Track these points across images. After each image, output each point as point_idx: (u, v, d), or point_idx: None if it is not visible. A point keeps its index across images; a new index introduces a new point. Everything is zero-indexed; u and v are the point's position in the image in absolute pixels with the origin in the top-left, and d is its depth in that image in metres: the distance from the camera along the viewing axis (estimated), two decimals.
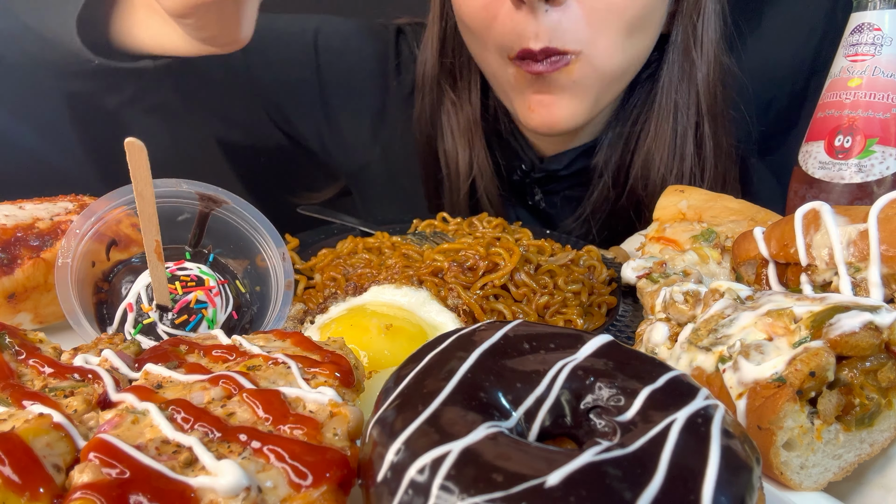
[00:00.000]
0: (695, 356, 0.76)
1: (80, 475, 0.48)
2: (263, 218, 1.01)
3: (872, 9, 1.10)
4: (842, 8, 1.17)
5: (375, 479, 0.49)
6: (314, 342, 0.71)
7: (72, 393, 0.60)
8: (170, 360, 0.67)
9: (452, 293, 1.05)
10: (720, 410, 0.51)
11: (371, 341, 0.86)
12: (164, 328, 0.87)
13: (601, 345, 0.59)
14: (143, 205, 0.83)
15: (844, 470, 0.69)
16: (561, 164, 1.61)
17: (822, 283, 0.86)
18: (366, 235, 1.30)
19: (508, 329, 0.61)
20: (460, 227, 1.31)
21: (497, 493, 0.43)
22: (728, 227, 1.11)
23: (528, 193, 1.67)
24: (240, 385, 0.60)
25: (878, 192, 1.09)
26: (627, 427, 0.51)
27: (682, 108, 1.47)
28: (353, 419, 0.57)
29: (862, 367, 0.67)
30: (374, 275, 1.11)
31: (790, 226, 0.89)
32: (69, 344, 0.73)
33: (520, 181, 1.65)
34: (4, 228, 0.93)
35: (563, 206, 1.67)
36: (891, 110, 1.09)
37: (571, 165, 1.61)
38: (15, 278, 0.91)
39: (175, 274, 0.91)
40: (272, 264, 1.00)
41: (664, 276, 1.00)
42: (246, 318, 0.97)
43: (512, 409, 0.54)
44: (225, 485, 0.47)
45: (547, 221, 1.69)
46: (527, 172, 1.63)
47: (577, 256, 1.21)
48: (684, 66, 1.45)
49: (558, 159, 1.61)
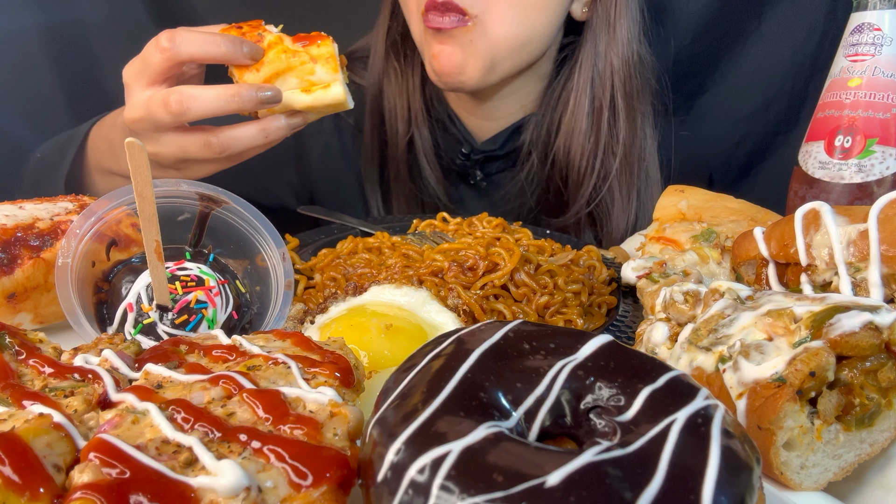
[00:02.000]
0: (695, 356, 0.76)
1: (81, 475, 0.48)
2: (263, 218, 1.01)
3: (872, 9, 1.10)
4: (842, 8, 1.17)
5: (375, 479, 0.49)
6: (314, 342, 0.71)
7: (72, 393, 0.60)
8: (170, 360, 0.67)
9: (452, 293, 1.05)
10: (720, 410, 0.51)
11: (371, 341, 0.86)
12: (164, 328, 0.87)
13: (601, 345, 0.59)
14: (143, 205, 0.83)
15: (844, 470, 0.69)
16: (496, 144, 1.73)
17: (822, 283, 0.86)
18: (366, 235, 1.30)
19: (508, 329, 0.61)
20: (460, 227, 1.31)
21: (497, 493, 0.43)
22: (728, 227, 1.11)
23: (471, 175, 1.79)
24: (240, 385, 0.60)
25: (878, 192, 1.09)
26: (627, 427, 0.51)
27: (598, 85, 1.59)
28: (353, 419, 0.57)
29: (862, 367, 0.67)
30: (374, 275, 1.11)
31: (790, 226, 0.89)
32: (69, 344, 0.73)
33: (462, 164, 1.77)
34: (4, 228, 0.93)
35: (501, 183, 1.79)
36: (891, 110, 1.09)
37: (505, 145, 1.73)
38: (15, 278, 0.91)
39: (175, 274, 0.91)
40: (272, 264, 1.00)
41: (664, 276, 1.00)
42: (246, 318, 0.97)
43: (512, 409, 0.54)
44: (225, 485, 0.47)
45: (488, 198, 1.81)
46: (467, 155, 1.74)
47: (577, 256, 1.21)
48: (599, 48, 1.57)
49: (493, 140, 1.73)
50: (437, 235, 1.28)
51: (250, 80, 1.13)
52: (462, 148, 1.75)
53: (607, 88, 1.59)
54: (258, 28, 1.17)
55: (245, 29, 1.16)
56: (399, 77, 1.73)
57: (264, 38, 1.15)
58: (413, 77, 1.73)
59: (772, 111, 1.87)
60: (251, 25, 1.17)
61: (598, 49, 1.57)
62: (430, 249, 1.15)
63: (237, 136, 1.15)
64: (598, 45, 1.57)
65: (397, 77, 1.73)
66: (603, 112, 1.60)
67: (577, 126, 1.61)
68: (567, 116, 1.62)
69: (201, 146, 1.15)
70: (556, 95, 1.65)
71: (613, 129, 1.61)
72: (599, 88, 1.59)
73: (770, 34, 1.81)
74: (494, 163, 1.77)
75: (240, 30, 1.16)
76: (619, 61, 1.57)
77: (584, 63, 1.59)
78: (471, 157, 1.75)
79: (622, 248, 1.35)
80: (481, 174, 1.78)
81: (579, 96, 1.61)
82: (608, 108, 1.60)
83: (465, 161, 1.76)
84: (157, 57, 1.10)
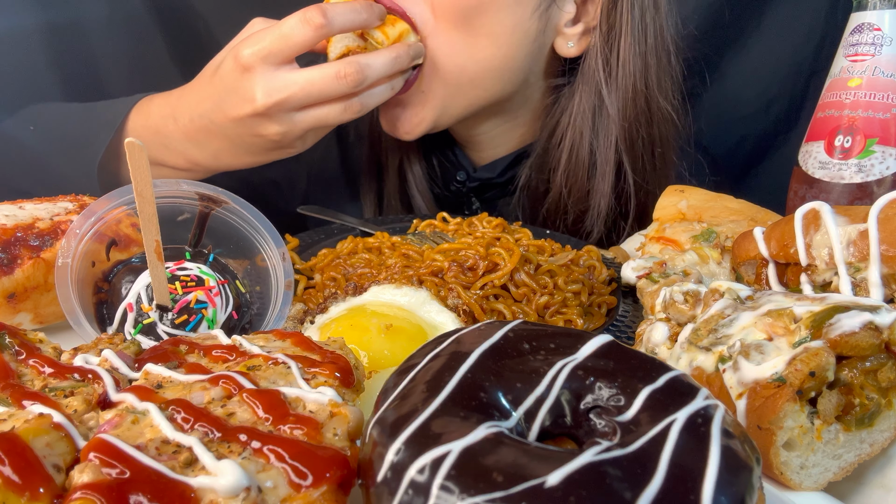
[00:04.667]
0: (695, 356, 0.76)
1: (80, 475, 0.48)
2: (263, 218, 1.01)
3: (872, 9, 1.10)
4: (842, 8, 1.17)
5: (375, 479, 0.49)
6: (314, 342, 0.71)
7: (72, 393, 0.60)
8: (170, 360, 0.67)
9: (452, 293, 1.05)
10: (720, 410, 0.51)
11: (371, 341, 0.86)
12: (164, 328, 0.87)
13: (601, 345, 0.59)
14: (143, 205, 0.83)
15: (844, 470, 0.69)
16: (494, 171, 1.63)
17: (822, 283, 0.86)
18: (366, 235, 1.30)
19: (508, 329, 0.61)
20: (460, 227, 1.31)
21: (497, 493, 0.43)
22: (728, 227, 1.11)
23: (466, 203, 1.70)
24: (240, 385, 0.60)
25: (878, 192, 1.09)
26: (627, 427, 0.51)
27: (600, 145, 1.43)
28: (353, 419, 0.57)
29: (862, 367, 0.67)
30: (374, 275, 1.11)
31: (790, 226, 0.89)
32: (69, 344, 0.73)
33: (457, 191, 1.69)
34: (4, 228, 0.93)
35: (500, 211, 1.69)
36: (891, 110, 1.09)
37: (504, 173, 1.63)
38: (15, 278, 0.91)
39: (175, 274, 0.91)
40: (272, 264, 1.00)
41: (664, 276, 1.00)
42: (246, 318, 0.97)
43: (512, 409, 0.54)
44: (225, 485, 0.47)
45: None
46: (463, 182, 1.66)
47: (577, 256, 1.21)
48: (592, 100, 1.41)
49: (491, 167, 1.64)
50: (437, 235, 1.28)
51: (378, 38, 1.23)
52: (458, 175, 1.66)
53: (611, 153, 1.42)
54: None
55: None
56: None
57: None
58: None
59: (772, 111, 1.87)
60: None
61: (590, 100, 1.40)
62: (430, 249, 1.15)
63: (372, 93, 1.22)
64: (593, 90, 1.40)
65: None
66: (606, 177, 1.44)
67: (576, 182, 1.47)
68: (558, 173, 1.48)
69: (342, 110, 1.19)
70: (549, 130, 1.51)
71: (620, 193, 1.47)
72: (602, 154, 1.43)
73: (770, 34, 1.81)
74: (492, 191, 1.68)
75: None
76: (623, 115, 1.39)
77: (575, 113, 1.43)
78: (466, 184, 1.66)
79: (622, 248, 1.35)
80: (478, 202, 1.69)
81: (574, 154, 1.45)
82: (612, 174, 1.44)
83: (460, 188, 1.67)
84: (307, 34, 1.11)
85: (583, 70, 1.41)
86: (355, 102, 1.20)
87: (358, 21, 1.18)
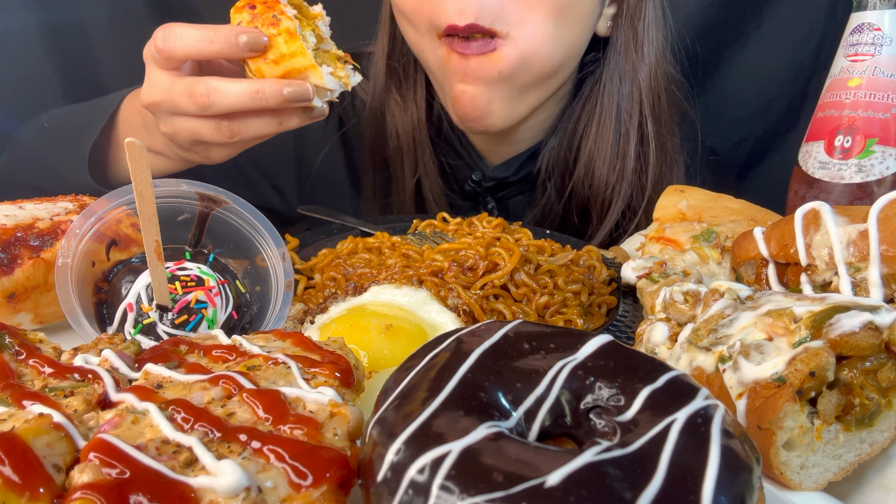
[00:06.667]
0: (695, 356, 0.76)
1: (80, 475, 0.48)
2: (263, 218, 1.01)
3: (872, 9, 1.10)
4: (842, 8, 1.17)
5: (375, 479, 0.49)
6: (314, 342, 0.71)
7: (72, 393, 0.60)
8: (170, 360, 0.67)
9: (452, 293, 1.05)
10: (720, 410, 0.51)
11: (371, 341, 0.86)
12: (164, 328, 0.87)
13: (601, 345, 0.59)
14: (143, 205, 0.83)
15: (844, 470, 0.69)
16: (509, 170, 1.62)
17: (822, 283, 0.86)
18: (366, 235, 1.30)
19: (508, 329, 0.61)
20: (460, 227, 1.31)
21: (497, 493, 0.43)
22: (728, 227, 1.11)
23: (482, 202, 1.68)
24: (240, 385, 0.60)
25: (878, 192, 1.09)
26: (627, 427, 0.51)
27: (624, 109, 1.47)
28: (353, 419, 0.57)
29: (862, 367, 0.67)
30: (374, 275, 1.11)
31: (790, 226, 0.89)
32: (69, 344, 0.73)
33: (472, 191, 1.67)
34: (4, 228, 0.93)
35: (516, 212, 1.69)
36: (891, 110, 1.09)
37: (519, 171, 1.62)
38: (15, 278, 0.91)
39: (175, 274, 0.91)
40: (272, 264, 1.00)
41: (664, 276, 1.00)
42: (246, 318, 0.97)
43: (512, 409, 0.54)
44: (225, 485, 0.47)
45: None
46: (478, 182, 1.64)
47: (577, 256, 1.21)
48: (625, 68, 1.45)
49: (506, 166, 1.63)
50: (437, 235, 1.28)
51: (267, 72, 1.04)
52: (473, 174, 1.64)
53: (635, 114, 1.46)
54: (274, 8, 1.04)
55: (259, 9, 1.05)
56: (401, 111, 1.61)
57: (280, 21, 1.03)
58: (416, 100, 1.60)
59: (772, 111, 1.87)
60: (267, 5, 1.05)
61: (623, 69, 1.45)
62: (430, 249, 1.15)
63: (249, 122, 1.10)
64: (623, 65, 1.45)
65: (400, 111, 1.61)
66: (630, 140, 1.47)
67: (601, 154, 1.49)
68: (588, 143, 1.50)
69: (213, 129, 1.10)
70: (574, 117, 1.53)
71: (642, 159, 1.49)
72: (626, 113, 1.46)
73: (770, 34, 1.81)
74: (508, 190, 1.66)
75: (252, 10, 1.05)
76: (647, 83, 1.45)
77: (607, 84, 1.46)
78: (482, 184, 1.64)
79: (622, 248, 1.35)
80: (493, 202, 1.67)
81: (603, 121, 1.48)
82: (636, 136, 1.47)
83: (475, 188, 1.65)
84: (156, 55, 1.08)
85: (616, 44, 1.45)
86: (225, 126, 1.09)
87: (208, 51, 1.04)
